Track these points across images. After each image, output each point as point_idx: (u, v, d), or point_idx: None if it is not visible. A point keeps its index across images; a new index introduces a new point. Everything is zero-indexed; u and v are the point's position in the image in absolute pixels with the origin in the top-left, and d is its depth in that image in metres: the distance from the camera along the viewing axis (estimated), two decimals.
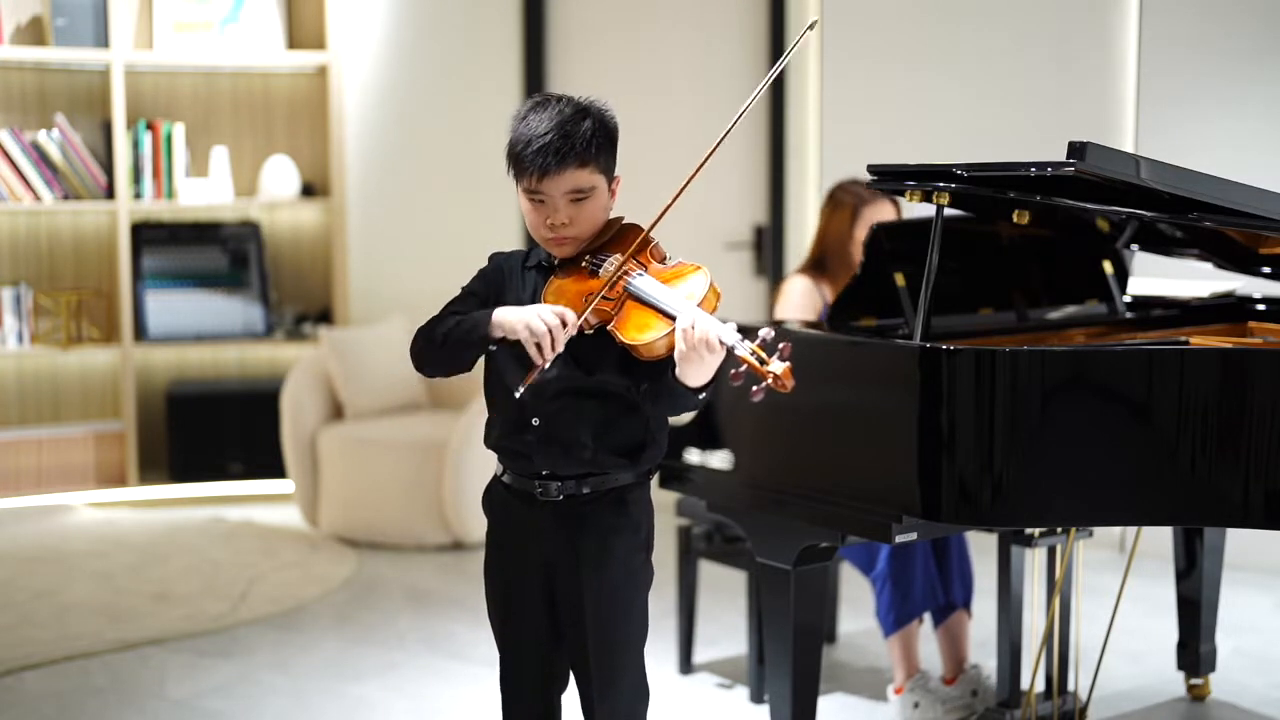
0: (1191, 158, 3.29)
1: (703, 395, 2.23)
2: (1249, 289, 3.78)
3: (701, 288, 2.25)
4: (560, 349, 2.22)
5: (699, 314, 2.18)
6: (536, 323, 2.22)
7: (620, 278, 2.28)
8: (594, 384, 2.33)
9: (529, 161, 2.29)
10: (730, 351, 2.13)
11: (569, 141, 2.28)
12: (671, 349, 2.20)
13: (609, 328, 2.26)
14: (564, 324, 2.23)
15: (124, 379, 5.96)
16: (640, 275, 2.29)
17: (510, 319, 2.26)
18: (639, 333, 2.22)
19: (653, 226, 2.34)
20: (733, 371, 2.15)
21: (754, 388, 2.11)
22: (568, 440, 2.34)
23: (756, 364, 2.10)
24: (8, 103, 5.98)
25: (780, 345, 2.11)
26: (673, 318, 2.20)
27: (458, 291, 2.47)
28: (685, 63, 6.13)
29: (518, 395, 2.26)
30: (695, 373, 2.18)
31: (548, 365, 2.23)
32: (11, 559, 5.10)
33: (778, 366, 2.09)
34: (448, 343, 2.33)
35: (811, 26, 2.44)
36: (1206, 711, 3.70)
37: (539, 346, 2.22)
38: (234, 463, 6.01)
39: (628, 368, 2.31)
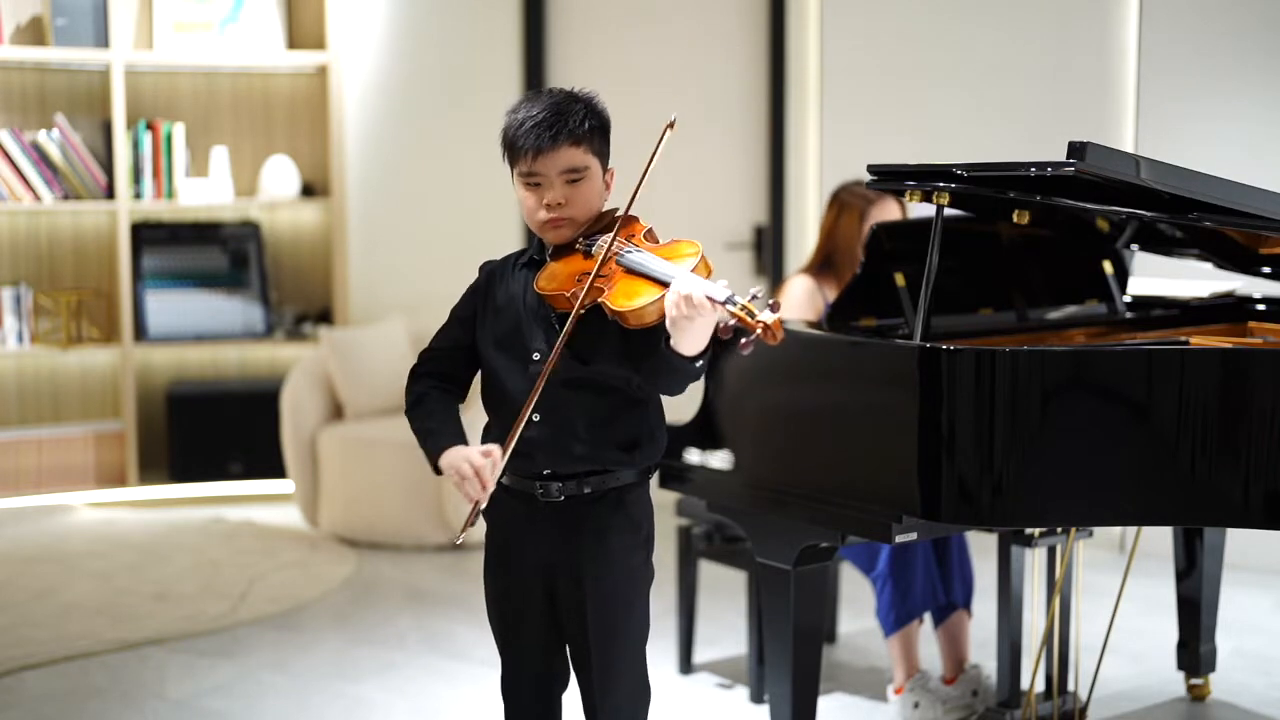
0: (1191, 158, 3.29)
1: (699, 364, 2.21)
2: (1249, 289, 3.78)
3: (692, 258, 2.26)
4: (492, 486, 2.26)
5: (690, 276, 2.18)
6: (464, 466, 2.26)
7: (612, 254, 2.29)
8: (591, 375, 2.33)
9: (523, 140, 2.32)
10: (721, 305, 2.12)
11: (562, 119, 2.32)
12: (662, 316, 2.19)
13: (600, 300, 2.26)
14: (492, 460, 2.26)
15: (124, 379, 5.96)
16: (632, 250, 2.30)
17: (446, 463, 2.31)
18: (628, 300, 2.22)
19: (630, 204, 2.35)
20: (722, 326, 2.15)
21: (743, 340, 2.12)
22: (567, 434, 2.35)
23: (746, 317, 2.10)
24: (8, 103, 5.98)
25: (770, 300, 2.12)
26: (663, 283, 2.20)
27: (457, 296, 2.49)
28: (685, 62, 6.13)
29: (457, 543, 2.31)
30: (688, 339, 2.17)
31: (484, 504, 2.26)
32: (11, 559, 5.10)
33: (768, 317, 2.10)
34: (417, 437, 2.41)
35: (671, 125, 2.38)
36: (1206, 711, 3.70)
37: (468, 491, 2.25)
38: (234, 463, 6.01)
39: (625, 355, 2.31)
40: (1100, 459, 2.65)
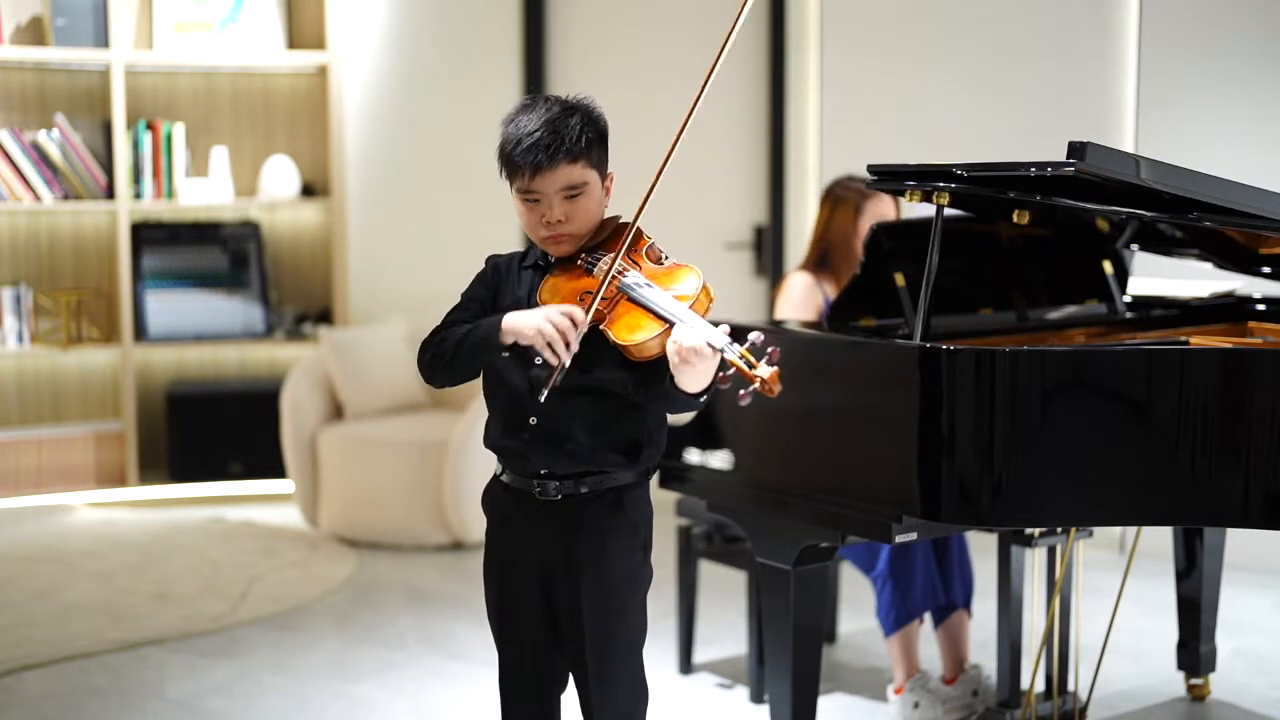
0: (1191, 158, 3.29)
1: (703, 398, 2.23)
2: (1249, 289, 3.78)
3: (693, 290, 2.25)
4: (575, 348, 2.23)
5: (690, 317, 2.18)
6: (546, 326, 2.22)
7: (614, 277, 2.28)
8: (590, 382, 2.33)
9: (520, 159, 2.30)
10: (719, 354, 2.13)
11: (558, 137, 2.29)
12: (663, 350, 2.20)
13: (601, 326, 2.26)
14: (574, 323, 2.23)
15: (124, 379, 5.96)
16: (634, 275, 2.29)
17: (520, 324, 2.26)
18: (630, 333, 2.23)
19: (638, 216, 2.34)
20: (721, 375, 2.15)
21: (741, 391, 2.12)
22: (564, 438, 2.34)
23: (745, 368, 2.10)
24: (8, 103, 5.98)
25: (769, 349, 2.11)
26: (664, 320, 2.21)
27: (458, 296, 2.48)
28: (685, 63, 6.13)
29: (542, 399, 2.26)
30: (690, 379, 2.18)
31: (567, 364, 2.23)
32: (11, 559, 5.10)
33: (765, 370, 2.09)
34: (460, 353, 2.33)
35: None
36: (1206, 711, 3.70)
37: (552, 348, 2.22)
38: (234, 463, 6.01)
39: (624, 365, 2.31)
40: (1100, 459, 2.65)
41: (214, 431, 5.99)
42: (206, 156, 6.16)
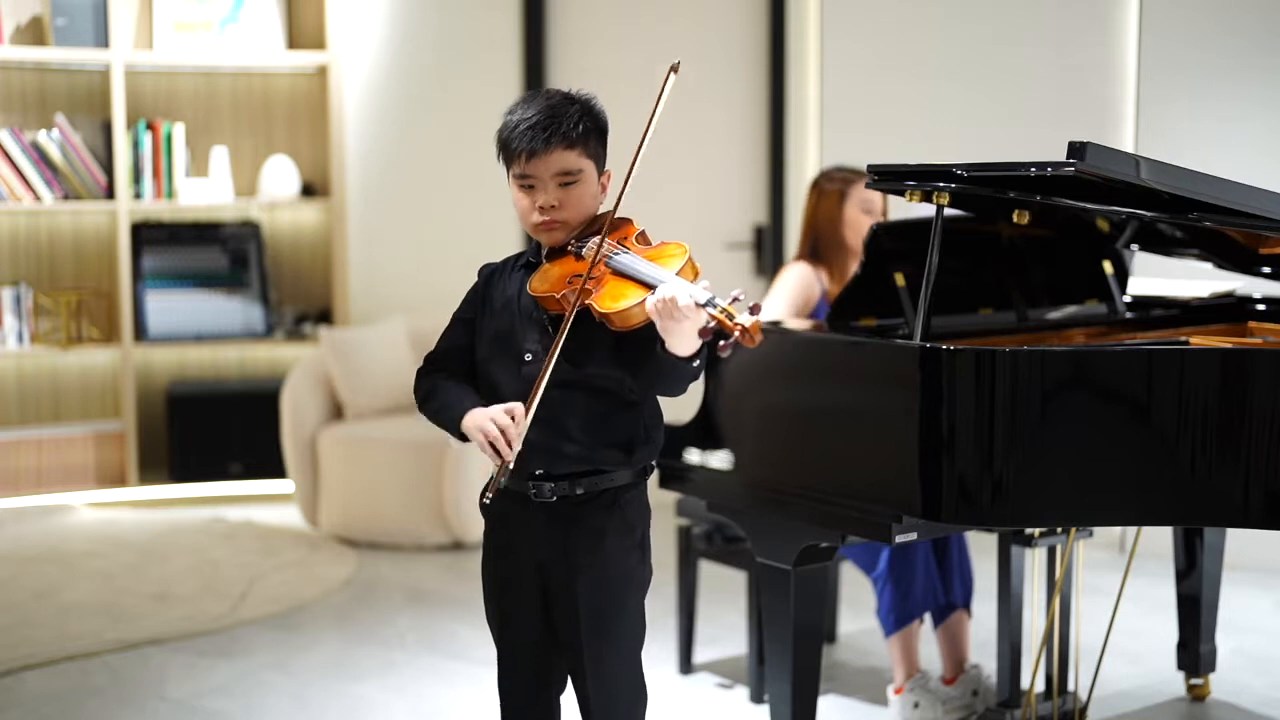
0: (1191, 158, 3.29)
1: (696, 363, 2.23)
2: (1249, 289, 3.79)
3: (679, 260, 2.27)
4: (518, 446, 2.26)
5: (673, 279, 2.20)
6: (488, 425, 2.26)
7: (601, 257, 2.29)
8: (583, 377, 2.34)
9: (517, 142, 2.33)
10: (702, 307, 2.14)
11: (556, 122, 2.32)
12: (648, 319, 2.21)
13: (587, 302, 2.27)
14: (514, 419, 2.26)
15: (124, 379, 5.96)
16: (621, 252, 2.31)
17: (469, 425, 2.31)
18: (613, 302, 2.24)
19: (619, 202, 2.34)
20: (702, 328, 2.16)
21: (721, 342, 2.13)
22: (559, 435, 2.35)
23: (725, 319, 2.12)
24: (8, 103, 5.98)
25: (751, 304, 2.13)
26: (650, 286, 2.22)
27: (457, 296, 2.49)
28: (685, 63, 6.12)
29: (487, 501, 2.31)
30: (678, 340, 2.18)
31: (511, 464, 2.26)
32: (11, 559, 5.10)
33: (746, 319, 2.11)
34: (437, 419, 2.42)
35: (674, 69, 2.44)
36: (1206, 711, 3.70)
37: (495, 448, 2.25)
38: (234, 463, 6.01)
39: (618, 359, 2.32)
40: (1100, 459, 2.65)
41: (214, 431, 5.99)
42: (206, 156, 6.16)
